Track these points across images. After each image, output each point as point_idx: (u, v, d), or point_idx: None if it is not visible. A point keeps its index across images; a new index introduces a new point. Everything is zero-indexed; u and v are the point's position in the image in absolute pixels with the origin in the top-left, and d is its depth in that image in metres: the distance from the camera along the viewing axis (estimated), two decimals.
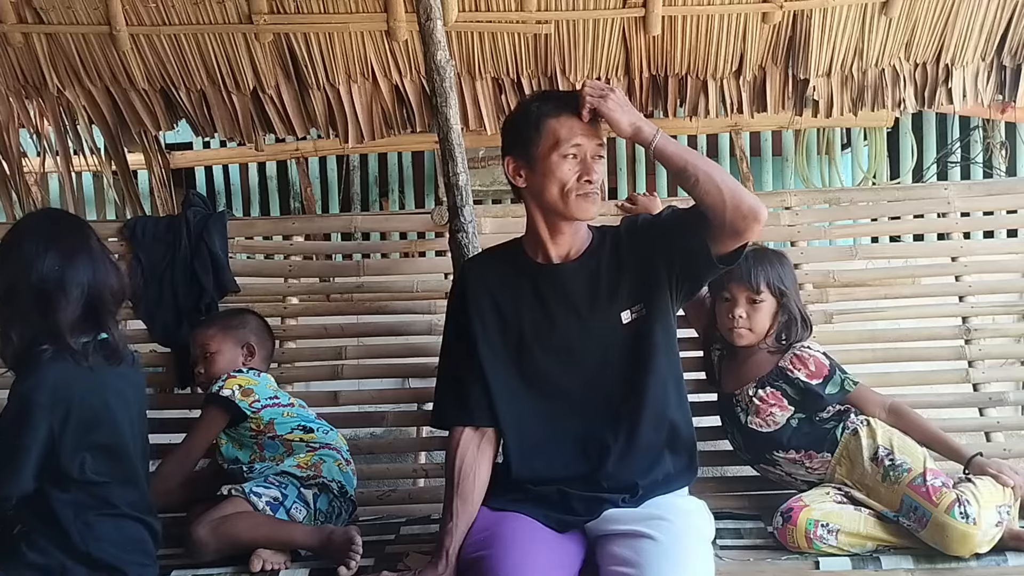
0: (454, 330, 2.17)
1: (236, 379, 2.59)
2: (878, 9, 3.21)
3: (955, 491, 2.16)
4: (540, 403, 2.06)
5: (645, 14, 3.17)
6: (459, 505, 2.00)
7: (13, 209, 3.65)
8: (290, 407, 2.62)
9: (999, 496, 2.18)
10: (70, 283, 2.02)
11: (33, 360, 1.99)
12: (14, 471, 1.96)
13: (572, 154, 2.00)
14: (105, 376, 2.06)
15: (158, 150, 3.77)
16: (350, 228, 3.10)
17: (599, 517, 1.99)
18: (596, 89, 1.99)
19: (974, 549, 2.12)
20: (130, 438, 2.11)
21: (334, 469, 2.50)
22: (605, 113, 1.97)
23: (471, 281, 2.16)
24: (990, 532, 2.13)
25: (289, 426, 2.56)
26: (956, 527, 2.10)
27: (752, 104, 3.43)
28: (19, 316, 2.01)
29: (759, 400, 2.42)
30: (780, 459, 2.43)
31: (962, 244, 2.98)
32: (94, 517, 2.03)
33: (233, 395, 2.54)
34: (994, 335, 2.89)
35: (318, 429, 2.60)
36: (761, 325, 2.47)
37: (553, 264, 2.10)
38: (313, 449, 2.54)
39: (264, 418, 2.54)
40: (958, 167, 5.31)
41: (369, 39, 3.23)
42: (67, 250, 2.05)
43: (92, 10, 3.15)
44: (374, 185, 5.70)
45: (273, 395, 2.61)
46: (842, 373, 2.43)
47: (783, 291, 2.48)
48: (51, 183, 4.83)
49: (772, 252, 2.58)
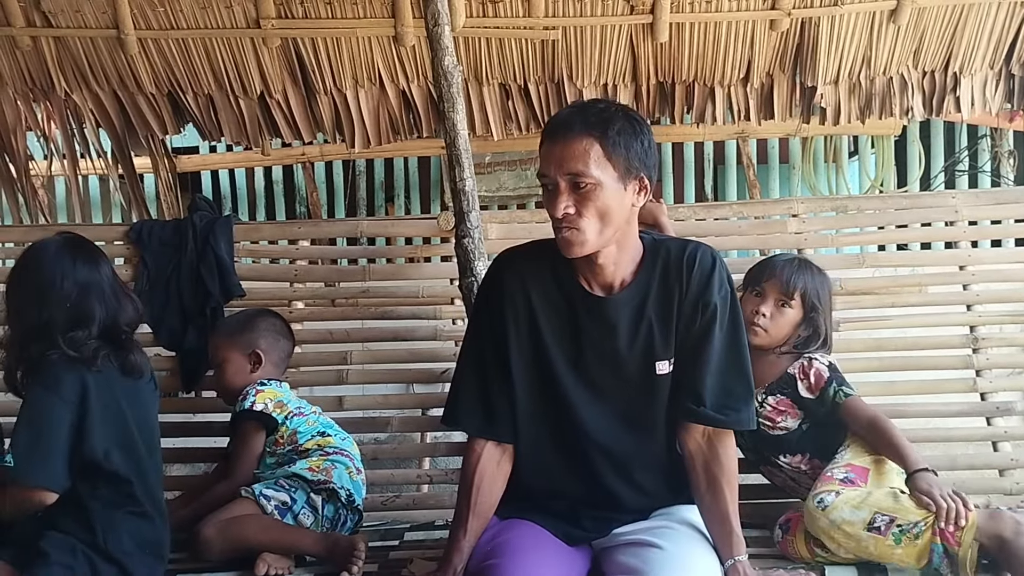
0: (486, 326, 1.98)
1: (265, 392, 2.56)
2: (886, 17, 3.20)
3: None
4: (559, 429, 1.97)
5: (653, 21, 3.17)
6: (472, 521, 1.92)
7: (20, 212, 3.66)
8: (312, 415, 2.61)
9: (913, 514, 2.04)
10: (86, 317, 2.05)
11: (45, 363, 2.01)
12: (49, 465, 1.98)
13: (546, 187, 1.83)
14: (114, 380, 2.08)
15: (165, 154, 3.79)
16: (356, 233, 3.10)
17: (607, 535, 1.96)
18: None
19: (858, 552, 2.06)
20: (143, 442, 2.12)
21: (344, 476, 2.49)
22: None
23: (509, 279, 1.97)
24: (857, 533, 2.05)
25: (309, 433, 2.55)
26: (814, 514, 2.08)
27: (759, 111, 3.43)
28: (32, 338, 2.03)
29: (770, 407, 2.41)
30: (784, 464, 2.42)
31: (970, 253, 2.98)
32: (119, 514, 2.04)
33: (267, 408, 2.53)
34: (1002, 344, 2.88)
35: (335, 435, 2.59)
36: (780, 330, 2.44)
37: (597, 295, 1.93)
38: (326, 454, 2.52)
39: (290, 428, 2.54)
40: (966, 176, 5.29)
41: (376, 44, 3.23)
42: (84, 282, 2.07)
43: (100, 14, 3.16)
44: (380, 190, 5.70)
45: (299, 405, 2.60)
46: (838, 385, 2.36)
47: (815, 306, 2.44)
48: (58, 186, 4.84)
49: (815, 267, 2.53)
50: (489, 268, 2.07)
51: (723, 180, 5.52)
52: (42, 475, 1.98)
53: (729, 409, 1.92)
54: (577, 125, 1.80)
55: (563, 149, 1.79)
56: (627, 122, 1.83)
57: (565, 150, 1.79)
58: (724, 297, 1.93)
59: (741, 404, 1.94)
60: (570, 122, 1.81)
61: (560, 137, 1.80)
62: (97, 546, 2.00)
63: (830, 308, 2.53)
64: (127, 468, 2.05)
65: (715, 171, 5.57)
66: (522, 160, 5.13)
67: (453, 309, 2.95)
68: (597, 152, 1.79)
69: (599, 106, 1.85)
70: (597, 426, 1.95)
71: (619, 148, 1.81)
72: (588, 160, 1.78)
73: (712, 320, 1.91)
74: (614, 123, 1.81)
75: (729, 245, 3.08)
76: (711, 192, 5.53)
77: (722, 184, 5.55)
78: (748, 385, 1.95)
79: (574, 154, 1.78)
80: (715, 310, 1.91)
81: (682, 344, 1.93)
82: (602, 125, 1.80)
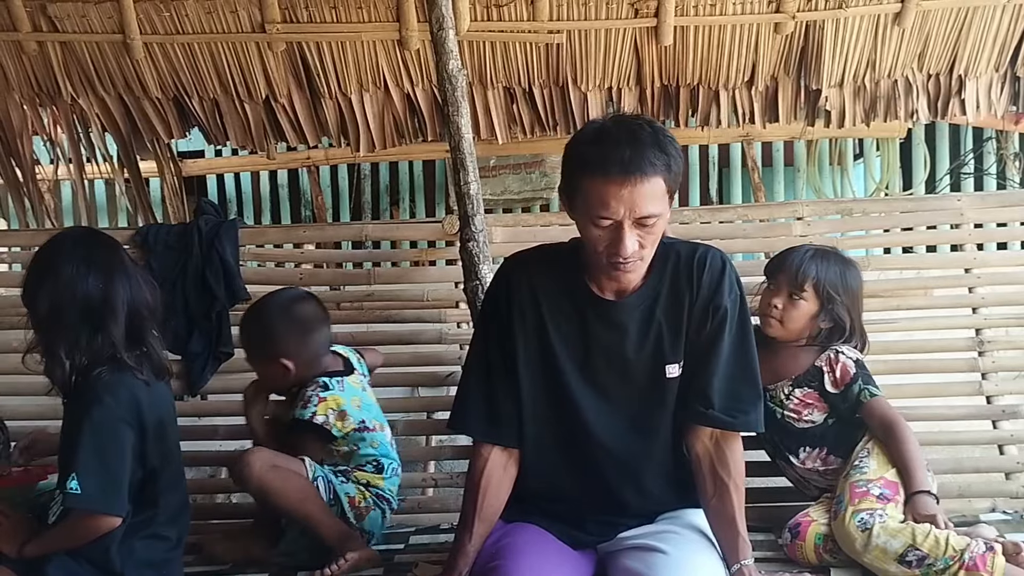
0: (494, 330, 1.97)
1: (328, 402, 2.39)
2: (891, 20, 3.20)
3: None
4: (566, 433, 1.96)
5: (657, 24, 3.17)
6: (478, 525, 1.91)
7: (26, 216, 3.68)
8: (374, 432, 2.46)
9: (947, 553, 2.02)
10: (114, 300, 2.00)
11: (97, 382, 1.97)
12: (119, 490, 1.96)
13: (602, 224, 1.77)
14: (157, 390, 2.07)
15: (170, 158, 3.79)
16: (361, 236, 3.10)
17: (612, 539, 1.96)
18: None
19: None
20: (177, 452, 2.13)
21: (377, 523, 2.42)
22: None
23: (517, 283, 1.96)
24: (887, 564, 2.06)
25: (365, 458, 2.44)
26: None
27: (764, 114, 3.43)
28: (66, 336, 1.98)
29: (796, 400, 2.40)
30: (798, 461, 2.41)
31: (975, 256, 2.97)
32: (137, 541, 2.02)
33: (328, 420, 2.38)
34: (1008, 347, 2.87)
35: (388, 467, 2.47)
36: (794, 323, 2.41)
37: (606, 299, 1.92)
38: (366, 495, 2.41)
39: (348, 446, 2.43)
40: (971, 178, 5.29)
41: (381, 48, 3.24)
42: (107, 268, 2.03)
43: (106, 19, 3.17)
44: (385, 193, 5.71)
45: (362, 420, 2.44)
46: (863, 384, 2.35)
47: (831, 296, 2.39)
48: (64, 190, 4.86)
49: (838, 256, 2.48)
50: (496, 272, 2.06)
51: (728, 183, 5.52)
52: (113, 501, 1.95)
53: (738, 412, 1.92)
54: (645, 166, 1.73)
55: (632, 192, 1.72)
56: (674, 146, 1.79)
57: (635, 193, 1.73)
58: (734, 300, 1.93)
59: (749, 407, 1.94)
60: (636, 162, 1.72)
61: (629, 180, 1.72)
62: (111, 572, 1.98)
63: (857, 299, 2.47)
64: (158, 487, 2.04)
65: (720, 174, 5.57)
66: (527, 163, 5.13)
67: (458, 312, 2.95)
68: (662, 188, 1.76)
69: (656, 136, 1.77)
70: (604, 430, 1.94)
71: (676, 177, 1.79)
72: (656, 199, 1.75)
73: (723, 323, 1.91)
74: (671, 154, 1.77)
75: (734, 248, 3.08)
76: (716, 195, 5.54)
77: (727, 187, 5.55)
78: (756, 388, 1.95)
79: (645, 196, 1.73)
80: (725, 313, 1.91)
81: (692, 347, 1.93)
82: (664, 159, 1.75)
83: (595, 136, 1.78)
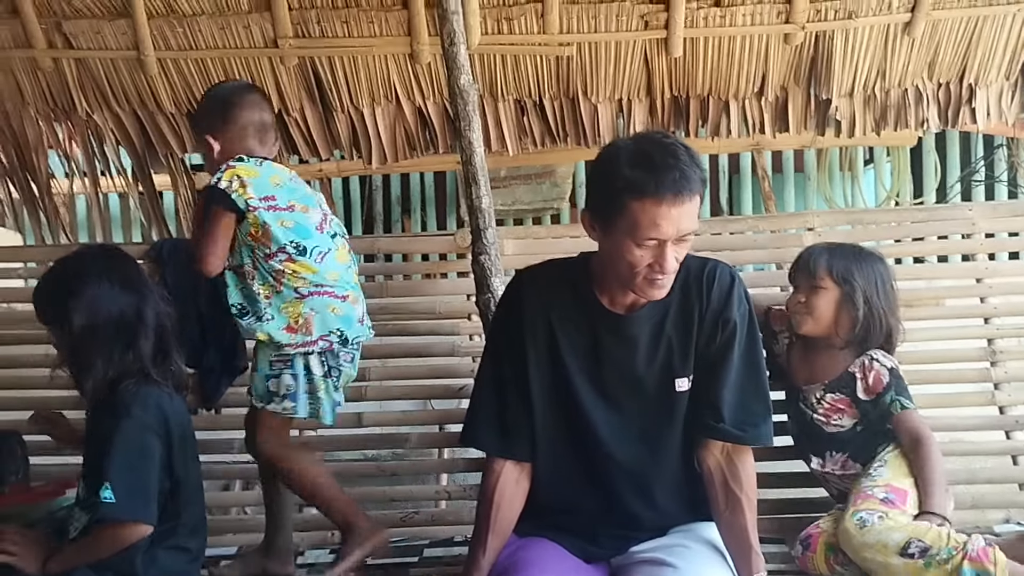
0: (505, 344, 1.99)
1: (236, 169, 2.26)
2: (901, 29, 3.21)
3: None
4: (578, 447, 1.97)
5: (667, 36, 3.19)
6: (491, 540, 1.92)
7: (41, 230, 3.70)
8: (289, 211, 2.29)
9: (949, 544, 2.03)
10: (146, 316, 2.05)
11: (125, 394, 2.00)
12: (149, 498, 1.98)
13: (647, 244, 1.79)
14: (178, 403, 2.10)
15: (184, 172, 3.81)
16: (373, 249, 3.12)
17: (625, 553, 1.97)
18: None
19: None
20: (196, 465, 2.15)
21: (329, 319, 2.31)
22: None
23: (528, 298, 1.98)
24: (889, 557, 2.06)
25: (281, 241, 2.27)
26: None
27: (774, 124, 3.43)
28: (100, 352, 2.01)
29: (827, 404, 2.41)
30: (817, 465, 2.43)
31: (987, 265, 2.97)
32: (161, 551, 2.04)
33: (230, 186, 2.24)
34: (1020, 357, 2.86)
35: (312, 252, 2.30)
36: (821, 312, 2.41)
37: (617, 313, 1.94)
38: (301, 297, 2.29)
39: (259, 220, 2.26)
40: (982, 186, 5.28)
41: (393, 62, 3.26)
42: (136, 284, 2.08)
43: (120, 35, 3.21)
44: (396, 205, 5.73)
45: (272, 194, 2.27)
46: (896, 394, 2.36)
47: (848, 280, 2.39)
48: (79, 205, 4.89)
49: (855, 248, 2.49)
50: (507, 287, 2.08)
51: (738, 191, 5.52)
52: (143, 509, 1.97)
53: (748, 425, 1.93)
54: (693, 185, 1.77)
55: (680, 212, 1.76)
56: (701, 159, 1.83)
57: (683, 213, 1.77)
58: (743, 314, 1.95)
59: (759, 420, 1.95)
60: (685, 183, 1.76)
61: (679, 201, 1.76)
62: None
63: (891, 298, 2.46)
64: (181, 499, 2.06)
65: (730, 182, 5.57)
66: (537, 174, 5.14)
67: (470, 325, 2.96)
68: (698, 204, 1.80)
69: (689, 153, 1.79)
70: (615, 443, 1.95)
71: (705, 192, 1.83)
72: (695, 215, 1.80)
73: (732, 337, 1.93)
74: (703, 168, 1.81)
75: (745, 259, 3.08)
76: (726, 204, 5.54)
77: (737, 195, 5.55)
78: (766, 402, 1.97)
79: (691, 214, 1.78)
80: (734, 327, 1.93)
81: (701, 361, 1.95)
82: (700, 174, 1.78)
83: (638, 159, 1.78)
